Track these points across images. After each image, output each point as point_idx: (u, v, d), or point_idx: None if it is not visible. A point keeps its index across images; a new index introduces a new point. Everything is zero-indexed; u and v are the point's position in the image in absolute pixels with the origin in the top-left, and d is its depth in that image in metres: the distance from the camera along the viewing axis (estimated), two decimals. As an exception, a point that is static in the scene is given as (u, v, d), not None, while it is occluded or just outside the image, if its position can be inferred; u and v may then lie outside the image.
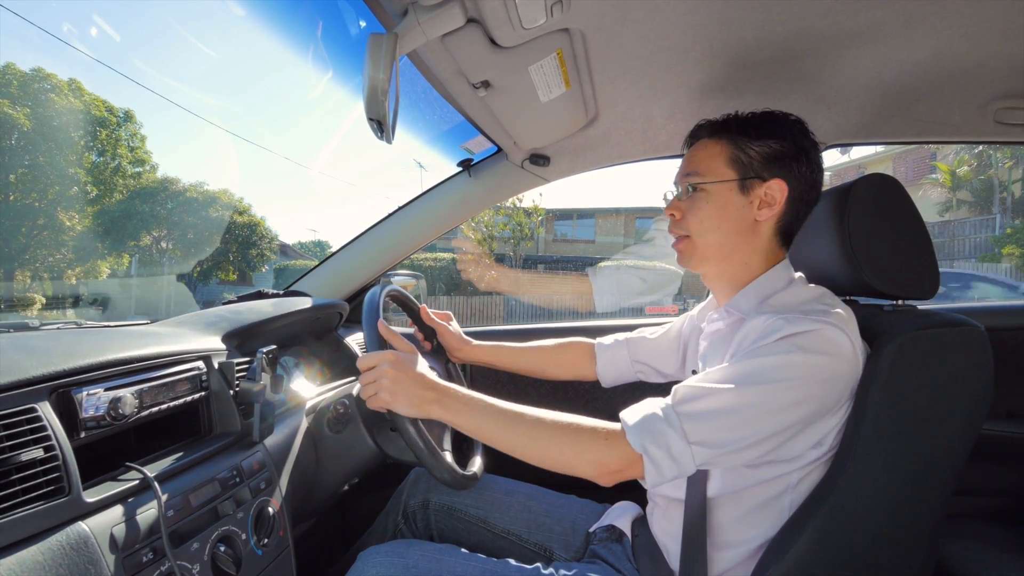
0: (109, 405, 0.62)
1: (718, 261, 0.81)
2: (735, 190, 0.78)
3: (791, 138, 0.77)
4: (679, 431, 0.66)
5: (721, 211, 0.78)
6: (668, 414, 0.67)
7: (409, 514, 1.05)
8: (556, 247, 20.41)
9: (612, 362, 1.10)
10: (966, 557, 0.99)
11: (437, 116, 1.14)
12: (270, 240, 17.43)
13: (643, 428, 0.67)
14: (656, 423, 0.67)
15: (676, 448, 0.65)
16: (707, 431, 0.65)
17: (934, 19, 0.80)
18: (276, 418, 0.90)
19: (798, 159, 0.77)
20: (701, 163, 0.80)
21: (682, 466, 0.66)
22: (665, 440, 0.65)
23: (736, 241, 0.79)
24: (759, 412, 0.65)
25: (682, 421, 0.66)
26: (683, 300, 13.28)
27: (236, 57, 65.59)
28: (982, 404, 0.69)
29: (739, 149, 0.78)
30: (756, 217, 0.78)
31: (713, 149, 0.80)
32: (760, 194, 0.77)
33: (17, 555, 0.48)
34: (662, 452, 0.65)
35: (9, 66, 12.94)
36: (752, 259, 0.80)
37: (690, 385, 0.69)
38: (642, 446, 0.66)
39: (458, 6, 0.70)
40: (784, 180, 0.77)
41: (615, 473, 0.68)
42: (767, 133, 0.77)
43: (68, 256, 14.06)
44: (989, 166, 14.37)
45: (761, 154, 0.77)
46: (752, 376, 0.66)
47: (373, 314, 0.85)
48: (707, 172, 0.79)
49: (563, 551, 0.95)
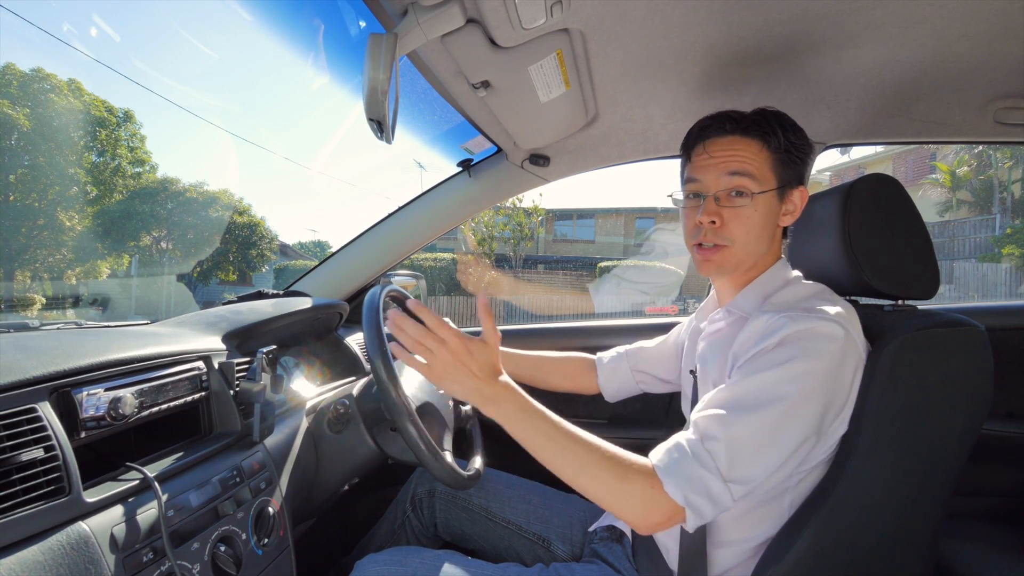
0: (109, 405, 0.62)
1: (746, 270, 0.79)
2: (775, 197, 0.75)
3: (809, 143, 0.78)
4: (715, 472, 0.63)
5: (765, 220, 0.75)
6: (699, 455, 0.64)
7: (416, 502, 1.10)
8: (556, 247, 20.40)
9: (613, 375, 1.10)
10: (966, 557, 0.99)
11: (437, 116, 1.14)
12: (270, 240, 17.43)
13: (681, 478, 0.63)
14: (691, 468, 0.63)
15: (716, 490, 0.63)
16: (741, 465, 0.63)
17: (934, 19, 0.80)
18: (276, 418, 0.90)
19: (808, 164, 0.78)
20: (749, 164, 0.74)
21: (722, 505, 0.63)
22: (704, 486, 0.63)
23: (764, 249, 0.78)
24: (784, 432, 0.64)
25: (715, 460, 0.63)
26: (683, 300, 13.28)
27: (236, 57, 65.58)
28: (982, 404, 0.69)
29: (777, 152, 0.75)
30: (779, 223, 0.78)
31: (755, 150, 0.74)
32: (793, 200, 0.77)
33: (17, 555, 0.48)
34: (703, 499, 0.63)
35: (9, 66, 12.94)
36: (764, 261, 0.80)
37: (709, 416, 0.66)
38: (685, 499, 0.62)
39: (458, 6, 0.70)
40: (805, 187, 0.78)
41: (657, 525, 0.64)
42: (800, 137, 0.76)
43: (68, 256, 14.06)
44: (989, 166, 14.36)
45: (793, 159, 0.76)
46: (767, 396, 0.64)
47: (373, 314, 0.85)
48: (759, 176, 0.74)
49: (561, 543, 0.97)
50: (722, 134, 0.76)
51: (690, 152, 0.80)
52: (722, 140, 0.76)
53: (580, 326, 1.54)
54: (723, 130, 0.76)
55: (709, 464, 0.63)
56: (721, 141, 0.76)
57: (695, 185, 0.78)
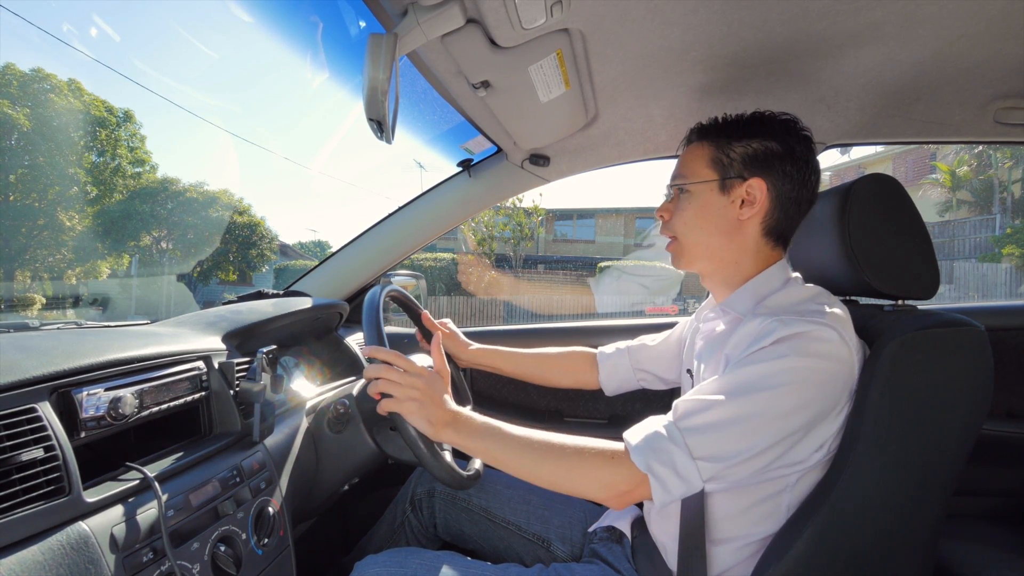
0: (109, 405, 0.62)
1: (706, 261, 0.82)
2: (715, 190, 0.79)
3: (776, 137, 0.77)
4: (683, 447, 0.65)
5: (701, 211, 0.80)
6: (671, 430, 0.67)
7: (416, 502, 1.10)
8: (556, 247, 20.42)
9: (614, 371, 1.10)
10: (966, 557, 0.99)
11: (437, 116, 1.14)
12: (270, 240, 17.44)
13: (646, 447, 0.66)
14: (659, 441, 0.66)
15: (681, 465, 0.65)
16: (711, 445, 0.65)
17: (934, 19, 0.80)
18: (276, 418, 0.90)
19: (783, 158, 0.77)
20: (686, 166, 0.82)
21: (689, 483, 0.65)
22: (670, 457, 0.65)
23: (720, 241, 0.80)
24: (761, 421, 0.64)
25: (685, 436, 0.66)
26: (683, 300, 13.28)
27: (236, 57, 65.66)
28: (982, 404, 0.69)
29: (720, 150, 0.79)
30: (739, 217, 0.78)
31: (697, 152, 0.81)
32: (741, 193, 0.78)
33: (17, 555, 0.48)
34: (667, 470, 0.65)
35: (9, 66, 12.95)
36: (742, 259, 0.80)
37: (689, 399, 0.69)
38: (647, 465, 0.65)
39: (458, 6, 0.70)
40: (764, 179, 0.77)
41: (623, 495, 0.67)
42: (749, 133, 0.78)
43: (68, 256, 14.07)
44: (989, 166, 14.37)
45: (741, 154, 0.78)
46: (750, 385, 0.66)
47: (373, 314, 0.85)
48: (690, 174, 0.81)
49: (560, 543, 0.97)
50: (688, 143, 0.85)
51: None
52: (685, 149, 0.85)
53: (580, 326, 1.54)
54: (689, 140, 0.85)
55: (678, 439, 0.66)
56: (685, 150, 0.85)
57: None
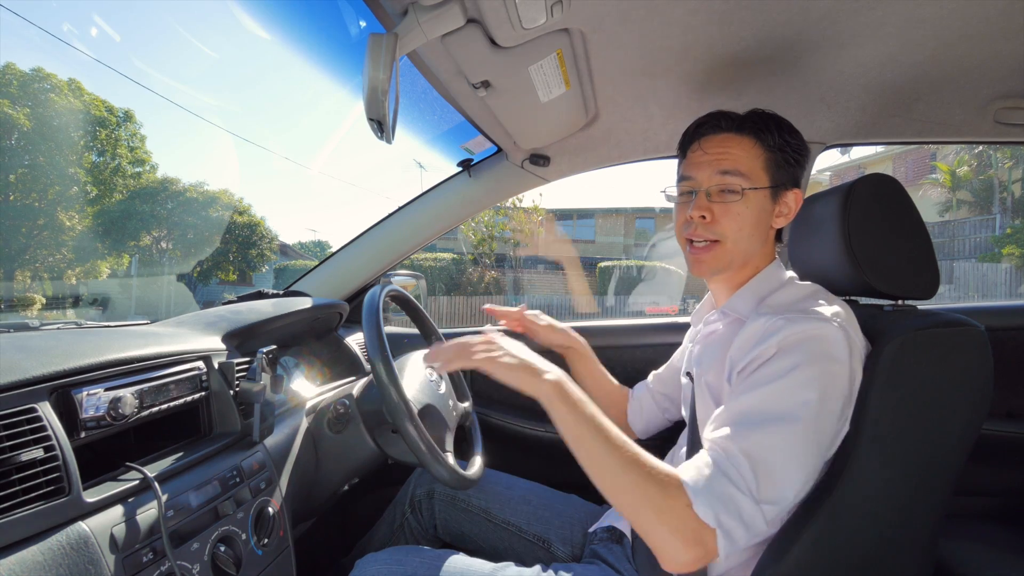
0: (109, 405, 0.62)
1: (739, 268, 0.79)
2: (768, 197, 0.76)
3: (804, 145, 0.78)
4: (745, 491, 0.59)
5: (756, 218, 0.75)
6: (727, 471, 0.60)
7: (415, 503, 1.09)
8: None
9: (640, 405, 1.10)
10: (966, 557, 0.99)
11: (437, 116, 1.14)
12: (270, 240, 17.43)
13: (711, 495, 0.59)
14: (721, 485, 0.59)
15: (747, 511, 0.59)
16: (769, 484, 0.60)
17: (934, 19, 0.80)
18: (276, 418, 0.90)
19: (803, 167, 0.78)
20: (740, 162, 0.74)
21: (754, 530, 0.60)
22: (736, 505, 0.59)
23: (756, 247, 0.78)
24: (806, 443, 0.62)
25: (744, 479, 0.60)
26: (683, 300, 13.27)
27: (236, 57, 65.65)
28: (982, 404, 0.69)
29: (773, 152, 0.75)
30: (773, 224, 0.78)
31: (748, 147, 0.75)
32: (787, 202, 0.77)
33: (17, 555, 0.48)
34: (735, 521, 0.59)
35: (9, 66, 12.94)
36: (759, 263, 0.80)
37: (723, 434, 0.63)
38: (716, 519, 0.58)
39: (458, 6, 0.70)
40: (800, 190, 0.78)
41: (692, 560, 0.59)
42: (795, 138, 0.76)
43: (68, 256, 14.06)
44: (989, 166, 14.37)
45: (788, 160, 0.76)
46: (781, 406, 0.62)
47: (373, 314, 0.85)
48: (749, 174, 0.74)
49: (560, 544, 0.97)
50: (717, 132, 0.77)
51: (686, 150, 0.82)
52: (716, 138, 0.77)
53: (580, 326, 1.54)
54: (718, 128, 0.77)
55: (739, 482, 0.60)
56: (716, 139, 0.77)
57: (688, 183, 0.79)
